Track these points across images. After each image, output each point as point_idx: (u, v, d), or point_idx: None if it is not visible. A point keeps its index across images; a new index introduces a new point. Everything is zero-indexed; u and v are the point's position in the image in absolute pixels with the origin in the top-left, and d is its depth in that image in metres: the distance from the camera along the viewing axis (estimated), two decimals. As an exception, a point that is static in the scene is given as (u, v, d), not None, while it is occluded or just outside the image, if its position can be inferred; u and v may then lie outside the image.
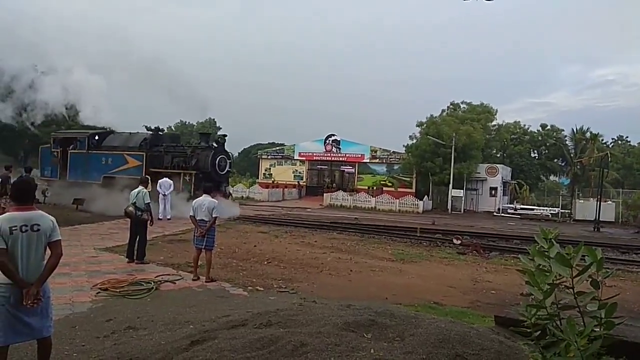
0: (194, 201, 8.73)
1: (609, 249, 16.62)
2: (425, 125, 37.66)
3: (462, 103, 43.26)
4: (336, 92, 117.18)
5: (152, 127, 26.29)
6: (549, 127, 50.74)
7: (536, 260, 2.35)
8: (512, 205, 35.64)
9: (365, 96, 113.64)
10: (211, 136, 23.36)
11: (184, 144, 22.34)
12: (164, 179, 17.76)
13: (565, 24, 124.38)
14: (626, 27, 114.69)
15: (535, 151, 51.36)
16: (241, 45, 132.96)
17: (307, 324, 3.92)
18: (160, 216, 16.76)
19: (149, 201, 9.81)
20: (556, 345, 2.28)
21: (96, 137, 21.83)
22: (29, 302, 3.45)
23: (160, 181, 17.51)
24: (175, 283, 8.07)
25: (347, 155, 42.36)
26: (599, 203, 26.84)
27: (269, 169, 45.73)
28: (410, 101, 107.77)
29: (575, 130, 45.46)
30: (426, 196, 34.99)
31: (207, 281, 8.20)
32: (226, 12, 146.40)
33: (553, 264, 2.24)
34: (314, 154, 43.76)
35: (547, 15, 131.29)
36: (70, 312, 6.18)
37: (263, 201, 33.31)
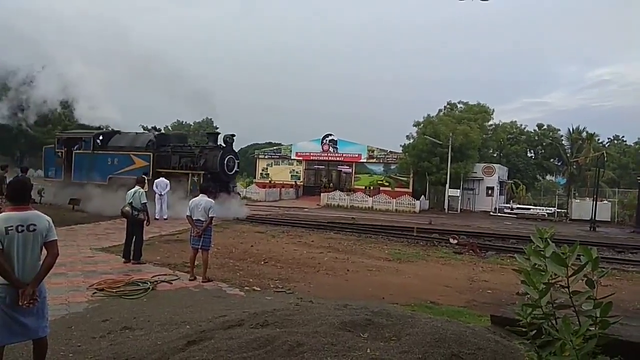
0: (190, 201, 8.73)
1: (604, 248, 16.70)
2: (422, 125, 37.68)
3: (459, 103, 43.35)
4: (334, 92, 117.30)
5: (149, 127, 26.21)
6: (545, 127, 50.87)
7: (532, 260, 2.35)
8: (508, 205, 35.68)
9: (363, 96, 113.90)
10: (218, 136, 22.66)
11: (191, 144, 22.15)
12: (161, 178, 17.68)
13: (563, 24, 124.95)
14: (623, 27, 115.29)
15: (532, 151, 51.49)
16: (239, 45, 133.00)
17: (303, 324, 3.92)
18: (157, 216, 16.72)
19: (146, 201, 9.79)
20: (552, 345, 2.28)
21: (100, 137, 21.46)
22: (25, 302, 3.45)
23: (156, 181, 17.44)
24: (171, 283, 8.07)
25: (344, 155, 42.34)
26: (595, 203, 26.95)
27: (266, 168, 45.67)
28: (408, 101, 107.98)
29: (571, 130, 45.70)
30: (423, 196, 35.03)
31: (203, 281, 8.20)
32: (226, 12, 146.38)
33: (549, 263, 2.25)
34: (311, 154, 43.73)
35: (545, 15, 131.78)
36: (66, 312, 6.17)
37: (260, 201, 33.29)
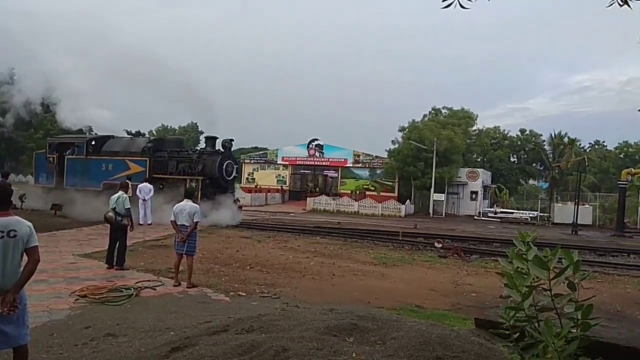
0: (174, 206, 8.65)
1: (586, 251, 16.96)
2: (407, 130, 38.03)
3: (443, 108, 43.92)
4: (319, 97, 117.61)
5: (133, 132, 25.89)
6: (527, 132, 51.68)
7: (515, 263, 2.38)
8: (492, 209, 36.11)
9: (348, 101, 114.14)
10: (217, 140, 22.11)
11: (188, 149, 21.80)
12: (144, 183, 17.45)
13: (544, 31, 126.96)
14: (603, 34, 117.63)
15: (515, 156, 52.21)
16: (224, 48, 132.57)
17: (289, 329, 3.90)
18: (141, 221, 16.53)
19: (129, 206, 9.69)
20: (534, 347, 2.31)
21: (93, 142, 20.92)
22: (5, 309, 3.38)
23: (139, 186, 17.19)
24: (155, 289, 7.98)
25: (330, 160, 42.46)
26: (576, 207, 27.39)
27: (252, 173, 45.55)
28: (393, 106, 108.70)
29: (553, 135, 46.41)
30: (408, 200, 35.27)
31: (188, 287, 8.12)
32: (211, 15, 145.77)
33: (531, 266, 2.28)
34: (297, 159, 43.76)
35: (527, 22, 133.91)
36: (48, 319, 6.06)
37: (246, 206, 33.04)
